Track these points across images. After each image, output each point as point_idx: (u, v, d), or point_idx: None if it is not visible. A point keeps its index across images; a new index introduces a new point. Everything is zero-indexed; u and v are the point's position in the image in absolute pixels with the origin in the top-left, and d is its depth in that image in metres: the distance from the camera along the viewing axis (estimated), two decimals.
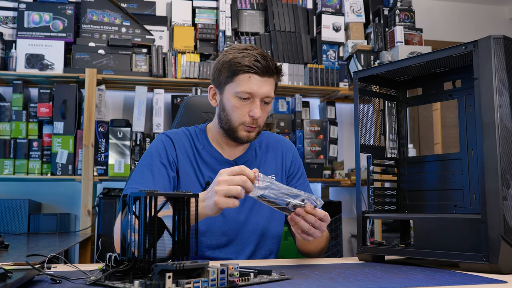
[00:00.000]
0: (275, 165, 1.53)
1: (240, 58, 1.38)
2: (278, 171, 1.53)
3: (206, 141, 1.48)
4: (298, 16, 3.43)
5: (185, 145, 1.46)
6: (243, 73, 1.37)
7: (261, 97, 1.39)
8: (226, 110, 1.41)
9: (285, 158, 1.55)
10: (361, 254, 1.29)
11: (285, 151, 1.56)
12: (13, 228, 2.73)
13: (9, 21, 3.12)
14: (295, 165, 1.56)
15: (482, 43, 1.08)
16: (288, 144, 1.59)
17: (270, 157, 1.54)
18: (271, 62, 1.40)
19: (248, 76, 1.37)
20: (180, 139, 1.46)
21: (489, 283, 0.91)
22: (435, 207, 1.35)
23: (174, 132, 1.48)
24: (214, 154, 1.46)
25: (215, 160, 1.46)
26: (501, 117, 1.05)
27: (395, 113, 1.47)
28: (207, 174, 1.43)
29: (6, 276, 0.76)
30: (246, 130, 1.41)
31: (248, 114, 1.38)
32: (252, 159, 1.50)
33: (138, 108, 3.10)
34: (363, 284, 0.89)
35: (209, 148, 1.47)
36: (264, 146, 1.55)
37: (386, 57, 3.30)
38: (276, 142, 1.57)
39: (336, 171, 3.32)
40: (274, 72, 1.41)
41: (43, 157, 2.96)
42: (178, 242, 0.89)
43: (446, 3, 4.27)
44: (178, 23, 3.28)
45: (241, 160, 1.48)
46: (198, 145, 1.47)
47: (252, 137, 1.43)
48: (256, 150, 1.53)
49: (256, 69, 1.37)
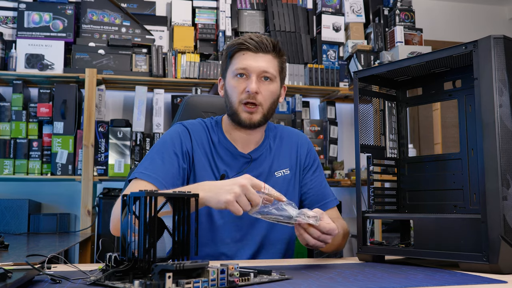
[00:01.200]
0: (289, 158, 1.51)
1: (235, 40, 1.42)
2: (293, 165, 1.51)
3: (221, 133, 1.47)
4: (298, 16, 3.43)
5: (201, 136, 1.44)
6: (237, 51, 1.39)
7: (257, 72, 1.38)
8: (228, 94, 1.41)
9: (300, 151, 1.54)
10: (361, 254, 1.29)
11: (300, 144, 1.55)
12: (13, 228, 2.73)
13: (9, 21, 3.12)
14: (310, 158, 1.55)
15: (482, 43, 1.08)
16: (302, 137, 1.58)
17: (284, 150, 1.52)
18: (266, 39, 1.40)
19: (242, 53, 1.39)
20: (197, 130, 1.45)
21: (489, 283, 0.91)
22: (435, 207, 1.35)
23: (191, 123, 1.47)
24: (229, 148, 1.45)
25: (230, 153, 1.44)
26: (501, 117, 1.05)
27: (395, 113, 1.47)
28: (222, 168, 1.42)
29: (6, 276, 0.76)
30: (246, 110, 1.38)
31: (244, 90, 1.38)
32: (266, 152, 1.49)
33: (138, 108, 3.10)
34: (363, 284, 0.89)
35: (224, 141, 1.45)
36: (278, 139, 1.53)
37: (386, 57, 3.30)
38: (290, 135, 1.56)
39: (336, 171, 3.33)
40: (270, 49, 1.40)
41: (43, 157, 2.96)
42: (178, 242, 0.89)
43: (446, 3, 4.27)
44: (178, 23, 3.28)
45: (256, 154, 1.46)
46: (214, 138, 1.46)
47: (255, 120, 1.39)
48: (271, 144, 1.51)
49: (247, 45, 1.38)
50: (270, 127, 1.55)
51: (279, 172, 1.48)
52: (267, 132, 1.52)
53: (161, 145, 1.40)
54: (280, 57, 1.44)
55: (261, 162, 1.46)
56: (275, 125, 1.58)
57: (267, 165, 1.47)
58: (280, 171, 1.48)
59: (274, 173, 1.47)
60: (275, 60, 1.42)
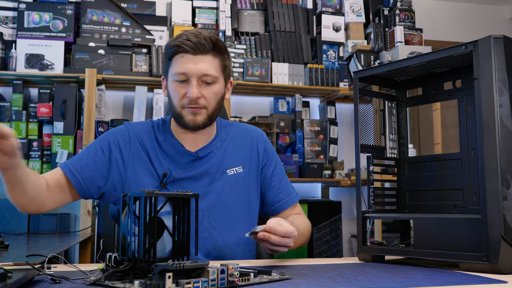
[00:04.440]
0: (243, 156, 1.48)
1: (172, 40, 1.36)
2: (253, 163, 1.48)
3: (168, 132, 1.45)
4: (298, 16, 3.43)
5: (144, 135, 1.44)
6: (175, 54, 1.34)
7: (197, 76, 1.33)
8: (170, 97, 1.39)
9: (256, 148, 1.50)
10: (361, 254, 1.29)
11: (255, 140, 1.51)
12: (13, 228, 2.73)
13: (9, 21, 3.12)
14: (267, 155, 1.51)
15: (482, 43, 1.08)
16: (257, 132, 1.54)
17: (239, 149, 1.49)
18: (204, 39, 1.33)
19: (181, 56, 1.33)
20: (140, 129, 1.45)
21: (489, 283, 0.91)
22: (435, 207, 1.35)
23: (136, 123, 1.48)
24: (175, 146, 1.43)
25: (176, 151, 1.42)
26: (501, 117, 1.05)
27: (395, 113, 1.47)
28: (166, 166, 1.41)
29: (6, 276, 0.76)
30: (190, 112, 1.36)
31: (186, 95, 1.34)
32: (216, 150, 1.45)
33: (138, 108, 3.10)
34: (363, 284, 0.89)
35: (171, 140, 1.44)
36: (232, 138, 1.50)
37: (386, 57, 3.30)
38: (245, 133, 1.52)
39: (336, 171, 3.33)
40: (210, 49, 1.34)
41: (43, 157, 2.96)
42: (178, 242, 0.89)
43: (446, 3, 4.27)
44: (178, 23, 3.27)
45: (204, 152, 1.43)
46: (159, 137, 1.44)
47: (199, 121, 1.36)
48: (222, 141, 1.48)
49: (185, 47, 1.31)
50: (224, 125, 1.52)
51: (231, 170, 1.45)
52: (219, 130, 1.49)
53: (96, 140, 1.45)
54: (222, 54, 1.38)
55: (208, 159, 1.44)
56: (230, 122, 1.55)
57: (216, 163, 1.44)
58: (233, 169, 1.45)
59: (226, 170, 1.45)
60: (215, 59, 1.36)
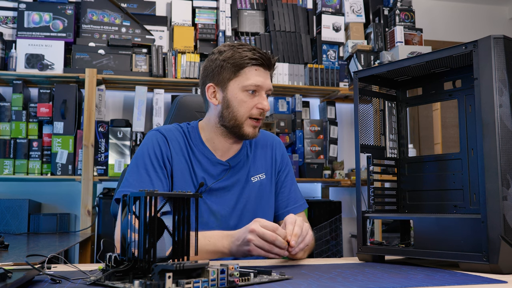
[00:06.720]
0: (265, 162, 1.53)
1: (243, 52, 1.40)
2: (268, 168, 1.53)
3: (199, 139, 1.46)
4: (298, 16, 3.43)
5: (179, 142, 1.44)
6: (250, 66, 1.39)
7: (266, 90, 1.42)
8: (232, 106, 1.40)
9: (275, 154, 1.56)
10: (361, 254, 1.29)
11: (274, 147, 1.57)
12: (13, 228, 2.73)
13: (9, 21, 3.12)
14: (283, 161, 1.57)
15: (482, 43, 1.08)
16: (277, 140, 1.60)
17: (259, 154, 1.54)
18: (272, 56, 1.44)
19: (255, 69, 1.40)
20: (175, 136, 1.44)
21: (489, 283, 0.91)
22: (435, 207, 1.35)
23: (167, 129, 1.46)
24: (207, 154, 1.45)
25: (208, 160, 1.44)
26: (501, 117, 1.05)
27: (395, 113, 1.47)
28: (200, 175, 1.42)
29: (6, 276, 0.76)
30: (252, 125, 1.41)
31: (256, 107, 1.40)
32: (244, 159, 1.50)
33: (138, 108, 3.10)
34: (363, 284, 0.89)
35: (202, 148, 1.45)
36: (254, 145, 1.55)
37: (386, 57, 3.30)
38: (265, 139, 1.57)
39: (336, 171, 3.32)
40: (273, 66, 1.45)
41: (43, 157, 2.96)
42: (178, 242, 0.89)
43: (446, 3, 4.27)
44: (178, 23, 3.28)
45: (234, 161, 1.47)
46: (192, 144, 1.45)
47: (257, 134, 1.44)
48: (247, 150, 1.52)
49: (262, 61, 1.40)
50: None
51: (255, 178, 1.49)
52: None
53: (142, 158, 1.39)
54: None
55: (238, 169, 1.47)
56: None
57: (245, 172, 1.48)
58: (256, 176, 1.50)
59: (251, 178, 1.48)
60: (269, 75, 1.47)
